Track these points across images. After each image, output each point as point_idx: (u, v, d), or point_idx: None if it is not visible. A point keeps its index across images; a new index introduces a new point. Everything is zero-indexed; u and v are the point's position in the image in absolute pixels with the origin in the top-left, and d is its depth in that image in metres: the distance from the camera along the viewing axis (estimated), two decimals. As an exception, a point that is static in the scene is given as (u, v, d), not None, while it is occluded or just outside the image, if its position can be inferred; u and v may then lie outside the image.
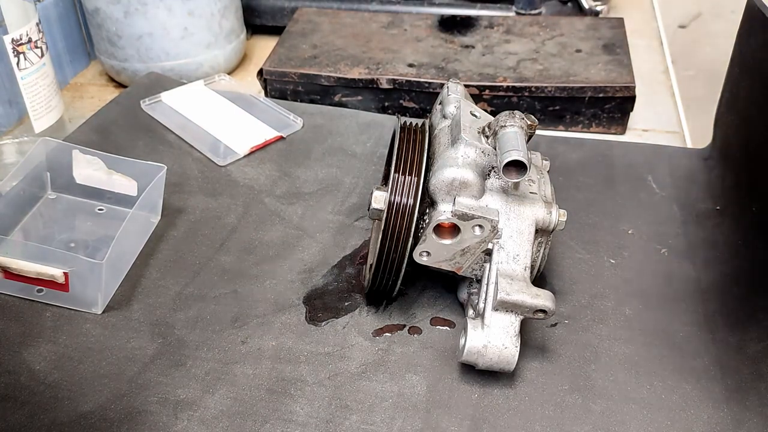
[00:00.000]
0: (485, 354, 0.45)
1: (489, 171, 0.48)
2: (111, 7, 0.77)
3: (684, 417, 0.45)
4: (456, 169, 0.46)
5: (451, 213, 0.46)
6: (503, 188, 0.48)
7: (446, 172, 0.46)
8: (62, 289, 0.50)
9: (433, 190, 0.47)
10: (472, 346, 0.45)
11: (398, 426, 0.44)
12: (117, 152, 0.60)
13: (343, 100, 0.77)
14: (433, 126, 0.53)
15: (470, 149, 0.47)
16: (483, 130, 0.49)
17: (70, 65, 0.87)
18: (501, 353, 0.45)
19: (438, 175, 0.46)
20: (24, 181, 0.58)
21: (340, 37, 0.82)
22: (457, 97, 0.53)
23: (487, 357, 0.45)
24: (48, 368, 0.47)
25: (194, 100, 0.75)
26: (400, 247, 0.47)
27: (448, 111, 0.52)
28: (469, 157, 0.47)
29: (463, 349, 0.45)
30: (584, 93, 0.72)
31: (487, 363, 0.45)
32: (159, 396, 0.45)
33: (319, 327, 0.51)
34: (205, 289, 0.54)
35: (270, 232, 0.59)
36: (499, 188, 0.48)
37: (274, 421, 0.44)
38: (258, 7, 0.93)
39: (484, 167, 0.48)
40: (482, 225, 0.46)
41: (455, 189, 0.46)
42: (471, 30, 0.83)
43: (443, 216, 0.46)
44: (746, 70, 0.62)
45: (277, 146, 0.70)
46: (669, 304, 0.53)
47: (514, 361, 0.45)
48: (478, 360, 0.45)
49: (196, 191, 0.64)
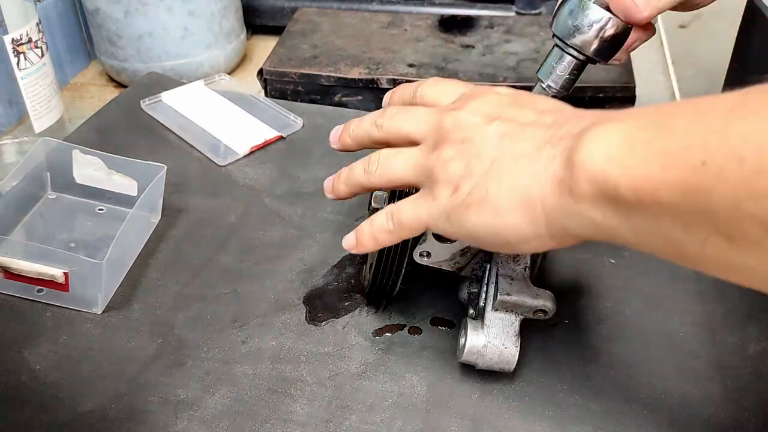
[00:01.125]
0: (485, 354, 0.45)
1: None
2: (111, 7, 0.77)
3: (684, 417, 0.45)
4: None
5: None
6: None
7: None
8: (62, 289, 0.50)
9: None
10: (472, 346, 0.44)
11: (398, 426, 0.44)
12: (117, 152, 0.60)
13: (344, 100, 0.77)
14: None
15: None
16: None
17: (70, 65, 0.87)
18: (501, 353, 0.45)
19: None
20: (24, 181, 0.58)
21: (340, 37, 0.82)
22: None
23: (487, 357, 0.45)
24: (48, 368, 0.47)
25: (194, 100, 0.75)
26: (400, 247, 0.47)
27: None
28: None
29: (463, 349, 0.45)
30: (584, 93, 0.72)
31: (487, 363, 0.45)
32: (159, 396, 0.45)
33: (319, 327, 0.51)
34: (205, 289, 0.54)
35: (270, 232, 0.59)
36: None
37: (274, 421, 0.44)
38: (258, 7, 0.93)
39: None
40: None
41: None
42: (471, 30, 0.83)
43: None
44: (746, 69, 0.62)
45: (277, 146, 0.70)
46: (669, 304, 0.53)
47: (514, 360, 0.45)
48: (477, 360, 0.45)
49: (196, 191, 0.64)
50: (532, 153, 0.34)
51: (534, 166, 0.33)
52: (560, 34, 0.49)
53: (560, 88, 0.51)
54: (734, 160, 0.24)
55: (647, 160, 0.28)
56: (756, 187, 0.24)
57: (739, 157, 0.24)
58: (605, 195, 0.30)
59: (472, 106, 0.38)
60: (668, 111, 0.29)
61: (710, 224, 0.26)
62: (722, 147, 0.25)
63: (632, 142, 0.29)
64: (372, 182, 0.41)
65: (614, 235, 0.31)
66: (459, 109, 0.39)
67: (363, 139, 0.44)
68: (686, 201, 0.26)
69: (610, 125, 0.30)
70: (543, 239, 0.34)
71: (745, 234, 0.25)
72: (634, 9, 0.46)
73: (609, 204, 0.30)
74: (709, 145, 0.25)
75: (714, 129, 0.25)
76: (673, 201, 0.27)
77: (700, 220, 0.26)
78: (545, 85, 0.51)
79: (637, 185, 0.28)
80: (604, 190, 0.30)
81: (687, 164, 0.26)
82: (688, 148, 0.26)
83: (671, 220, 0.27)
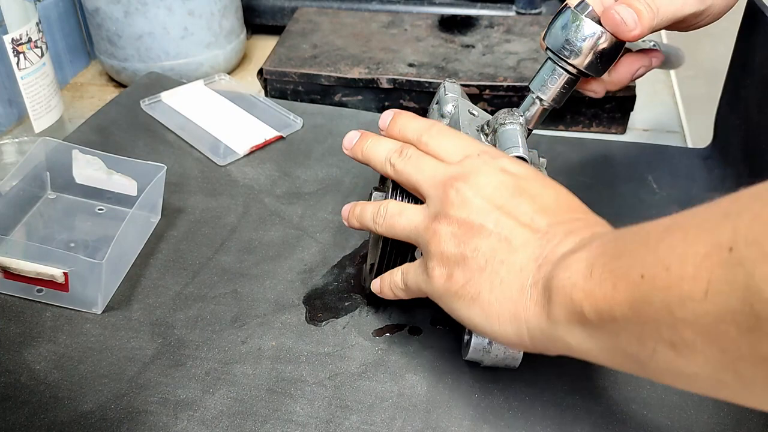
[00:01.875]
0: (491, 351, 0.45)
1: None
2: (111, 6, 0.77)
3: (684, 417, 0.45)
4: None
5: None
6: None
7: None
8: (62, 289, 0.50)
9: None
10: (477, 344, 0.45)
11: (398, 426, 0.44)
12: (117, 152, 0.60)
13: (343, 99, 0.77)
14: None
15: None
16: (482, 128, 0.49)
17: (70, 65, 0.87)
18: (506, 350, 0.45)
19: None
20: (24, 181, 0.58)
21: (340, 36, 0.82)
22: (454, 96, 0.53)
23: (492, 354, 0.45)
24: (48, 368, 0.47)
25: (194, 99, 0.75)
26: (402, 247, 0.47)
27: (446, 110, 0.52)
28: None
29: (469, 347, 0.45)
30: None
31: (492, 360, 0.45)
32: (159, 396, 0.45)
33: (319, 327, 0.51)
34: (205, 289, 0.54)
35: (270, 232, 0.59)
36: None
37: (274, 421, 0.44)
38: (258, 7, 0.93)
39: None
40: None
41: None
42: (471, 30, 0.83)
43: None
44: (746, 69, 0.62)
45: (277, 146, 0.70)
46: (669, 304, 0.53)
47: (520, 356, 0.45)
48: (483, 357, 0.45)
49: (196, 191, 0.64)
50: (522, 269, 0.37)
51: (522, 283, 0.37)
52: (553, 48, 0.49)
53: (551, 101, 0.51)
54: (663, 269, 0.27)
55: (602, 282, 0.31)
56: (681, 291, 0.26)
57: (666, 266, 0.27)
58: (574, 318, 0.33)
59: (477, 183, 0.41)
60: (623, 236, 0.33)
61: (656, 334, 0.28)
62: (654, 260, 0.28)
63: (592, 268, 0.32)
64: (378, 231, 0.46)
65: (588, 356, 0.35)
66: (465, 182, 0.41)
67: (377, 167, 0.47)
68: (634, 314, 0.29)
69: (580, 254, 0.34)
70: (527, 347, 0.39)
71: (683, 339, 0.27)
72: (625, 27, 0.46)
73: (578, 326, 0.33)
74: (645, 260, 0.29)
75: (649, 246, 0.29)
76: (626, 315, 0.30)
77: (648, 331, 0.29)
78: (536, 96, 0.51)
79: (596, 305, 0.31)
80: (573, 314, 0.33)
81: (630, 280, 0.29)
82: (631, 266, 0.30)
83: (626, 335, 0.30)
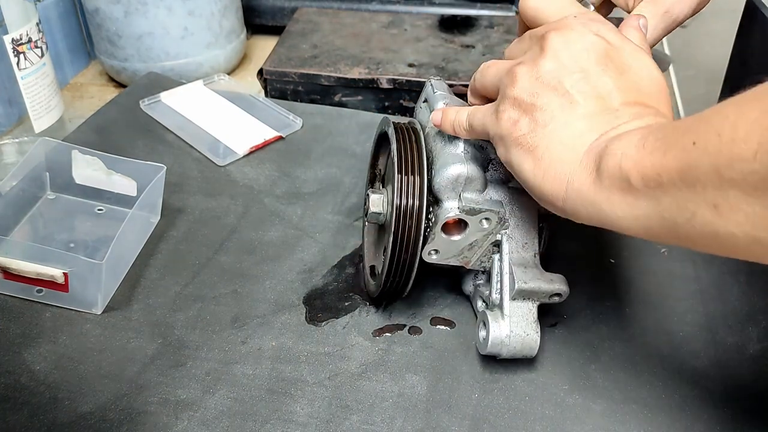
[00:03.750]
0: (509, 343, 0.45)
1: (487, 164, 0.48)
2: (111, 6, 0.77)
3: (684, 417, 0.45)
4: (462, 165, 0.46)
5: (458, 209, 0.46)
6: (503, 179, 0.48)
7: (452, 169, 0.46)
8: (62, 289, 0.50)
9: (438, 188, 0.47)
10: (495, 337, 0.45)
11: (398, 426, 0.44)
12: (116, 152, 0.60)
13: (343, 100, 0.77)
14: (420, 124, 0.53)
15: (469, 144, 0.47)
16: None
17: (70, 65, 0.87)
18: (524, 340, 0.46)
19: (443, 172, 0.46)
20: (23, 181, 0.58)
21: (340, 37, 0.82)
22: (444, 93, 0.52)
23: (510, 346, 0.45)
24: (48, 368, 0.47)
25: (194, 100, 0.75)
26: (411, 248, 0.47)
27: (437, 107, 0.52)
28: (469, 152, 0.47)
29: (487, 341, 0.45)
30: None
31: (510, 352, 0.46)
32: (159, 396, 0.45)
33: (319, 327, 0.51)
34: (205, 289, 0.54)
35: (270, 232, 0.59)
36: (498, 180, 0.48)
37: (275, 421, 0.44)
38: (258, 7, 0.93)
39: (483, 161, 0.48)
40: (489, 217, 0.47)
41: (460, 185, 0.46)
42: (471, 30, 0.83)
43: (451, 213, 0.46)
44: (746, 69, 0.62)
45: (276, 146, 0.70)
46: (669, 304, 0.53)
47: (537, 346, 0.46)
48: (501, 350, 0.46)
49: (195, 191, 0.64)
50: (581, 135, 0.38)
51: (577, 149, 0.38)
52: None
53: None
54: (715, 135, 0.29)
55: (653, 150, 0.33)
56: (731, 154, 0.28)
57: (718, 132, 0.29)
58: (618, 185, 0.35)
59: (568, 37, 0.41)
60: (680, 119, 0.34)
61: (699, 197, 0.30)
62: (707, 128, 0.30)
63: (645, 140, 0.34)
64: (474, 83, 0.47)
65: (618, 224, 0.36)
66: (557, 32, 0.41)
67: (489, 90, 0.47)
68: (682, 178, 0.31)
69: (636, 130, 0.36)
70: (558, 209, 0.39)
71: (726, 199, 0.29)
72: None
73: (619, 194, 0.35)
74: (699, 129, 0.31)
75: (703, 117, 0.31)
76: (672, 180, 0.32)
77: (691, 195, 0.31)
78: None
79: (644, 172, 0.33)
80: (618, 181, 0.35)
81: (681, 147, 0.31)
82: (684, 135, 0.31)
83: (669, 200, 0.32)
